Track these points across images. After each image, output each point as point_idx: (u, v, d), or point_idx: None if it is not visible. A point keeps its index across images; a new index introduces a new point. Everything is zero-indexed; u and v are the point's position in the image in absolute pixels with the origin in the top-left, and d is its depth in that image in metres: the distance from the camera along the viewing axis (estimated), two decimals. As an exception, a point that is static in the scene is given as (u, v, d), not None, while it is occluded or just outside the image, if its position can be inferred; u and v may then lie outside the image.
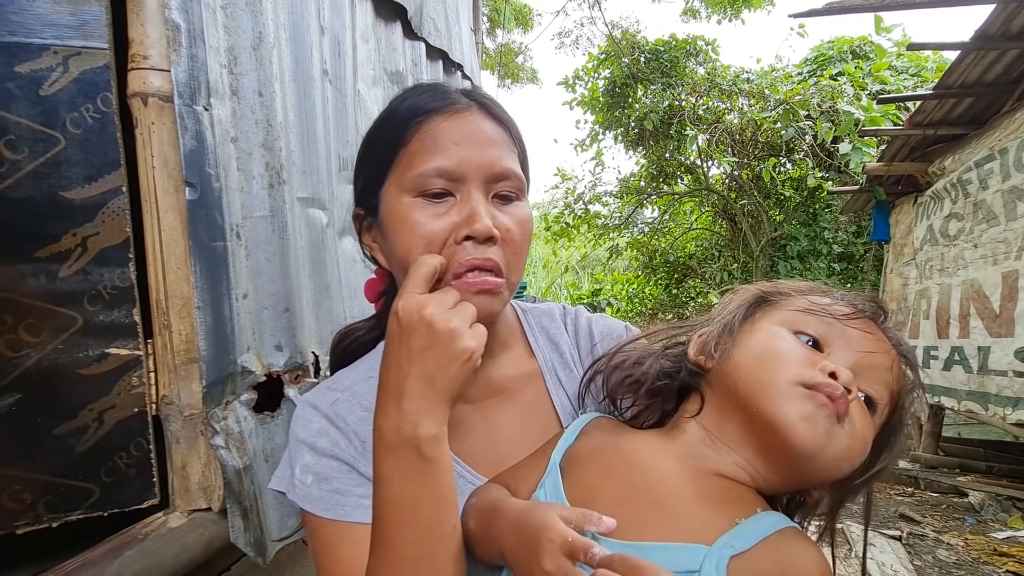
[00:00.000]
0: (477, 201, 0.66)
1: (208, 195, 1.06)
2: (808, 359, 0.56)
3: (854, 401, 0.54)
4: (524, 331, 0.84)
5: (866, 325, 0.60)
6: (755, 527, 0.53)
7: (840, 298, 0.63)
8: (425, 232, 0.66)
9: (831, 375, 0.54)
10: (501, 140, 0.70)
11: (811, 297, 0.63)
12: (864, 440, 0.56)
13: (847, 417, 0.54)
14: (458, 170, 0.66)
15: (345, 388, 0.78)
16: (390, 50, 1.83)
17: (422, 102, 0.70)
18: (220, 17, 1.11)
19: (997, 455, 4.38)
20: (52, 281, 0.94)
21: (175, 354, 1.04)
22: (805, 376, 0.54)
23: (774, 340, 0.59)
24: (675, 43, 8.86)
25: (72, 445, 0.97)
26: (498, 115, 0.72)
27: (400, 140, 0.69)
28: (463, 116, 0.69)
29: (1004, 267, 3.54)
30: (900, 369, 0.59)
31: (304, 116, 1.34)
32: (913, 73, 7.64)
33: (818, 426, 0.53)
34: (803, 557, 0.53)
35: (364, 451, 0.73)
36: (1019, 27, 3.28)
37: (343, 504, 0.70)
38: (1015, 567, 2.74)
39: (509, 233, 0.68)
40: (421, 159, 0.67)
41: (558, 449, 0.66)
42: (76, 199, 0.96)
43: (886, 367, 0.58)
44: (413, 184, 0.67)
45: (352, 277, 1.53)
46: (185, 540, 1.02)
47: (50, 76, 0.94)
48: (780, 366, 0.55)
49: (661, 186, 9.83)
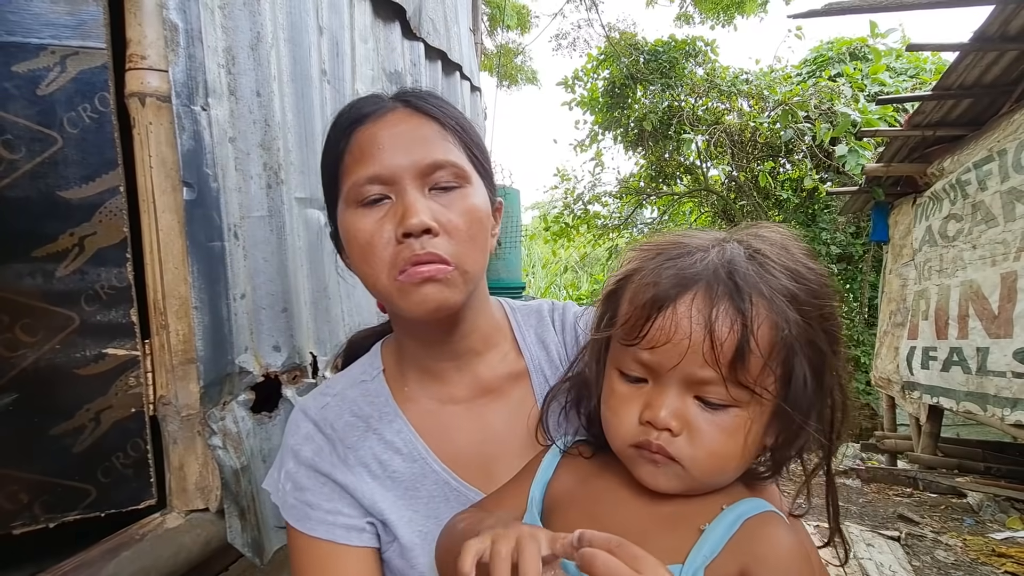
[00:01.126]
0: (411, 198, 0.66)
1: (206, 195, 1.06)
2: (636, 412, 0.57)
3: (680, 432, 0.54)
4: (512, 329, 0.84)
5: (664, 326, 0.54)
6: (720, 529, 0.54)
7: (665, 273, 0.56)
8: (365, 237, 0.67)
9: (649, 423, 0.55)
10: (430, 134, 0.70)
11: (638, 292, 0.57)
12: (720, 436, 0.54)
13: (680, 441, 0.54)
14: (387, 173, 0.67)
15: (336, 393, 0.79)
16: (389, 50, 1.83)
17: (352, 112, 0.73)
18: (218, 17, 1.10)
19: (995, 456, 4.39)
20: (49, 281, 0.94)
21: (172, 354, 1.04)
22: (633, 438, 0.57)
23: (612, 397, 0.60)
24: (674, 44, 8.86)
25: (69, 445, 0.96)
26: (425, 109, 0.72)
27: (338, 155, 0.72)
28: (387, 119, 0.70)
29: (1003, 268, 3.54)
30: (712, 342, 0.51)
31: (302, 116, 1.34)
32: (912, 74, 7.65)
33: (658, 475, 0.56)
34: (767, 543, 0.52)
35: (347, 457, 0.73)
36: (1017, 28, 3.28)
37: (310, 517, 0.71)
38: (1013, 568, 2.74)
39: (451, 223, 0.68)
40: (354, 170, 0.69)
41: (537, 483, 0.66)
42: (73, 199, 0.96)
43: (694, 357, 0.52)
44: (352, 195, 0.69)
45: (350, 277, 1.53)
46: (182, 540, 1.02)
47: (47, 76, 0.94)
48: (617, 432, 0.59)
49: (660, 186, 9.83)
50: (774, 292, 0.53)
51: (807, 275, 0.56)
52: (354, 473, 0.73)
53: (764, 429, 0.56)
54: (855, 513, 3.73)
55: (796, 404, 0.54)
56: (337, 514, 0.71)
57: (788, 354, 0.53)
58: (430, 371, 0.79)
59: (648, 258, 0.59)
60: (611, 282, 0.63)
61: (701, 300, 0.52)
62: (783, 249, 0.58)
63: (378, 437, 0.75)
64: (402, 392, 0.79)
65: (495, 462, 0.75)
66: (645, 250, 0.61)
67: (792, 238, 0.61)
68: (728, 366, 0.51)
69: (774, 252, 0.57)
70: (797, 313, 0.53)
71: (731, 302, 0.52)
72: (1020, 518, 3.37)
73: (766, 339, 0.52)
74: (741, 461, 0.56)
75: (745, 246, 0.57)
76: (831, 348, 0.56)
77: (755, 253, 0.56)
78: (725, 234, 0.60)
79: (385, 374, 0.81)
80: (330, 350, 1.38)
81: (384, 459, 0.74)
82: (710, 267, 0.54)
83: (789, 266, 0.55)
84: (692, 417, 0.54)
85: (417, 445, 0.75)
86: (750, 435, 0.55)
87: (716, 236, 0.60)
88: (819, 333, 0.55)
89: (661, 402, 0.55)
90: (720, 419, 0.54)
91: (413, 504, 0.73)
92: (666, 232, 0.65)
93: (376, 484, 0.73)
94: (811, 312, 0.54)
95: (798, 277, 0.55)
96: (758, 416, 0.55)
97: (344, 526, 0.71)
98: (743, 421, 0.54)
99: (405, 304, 0.67)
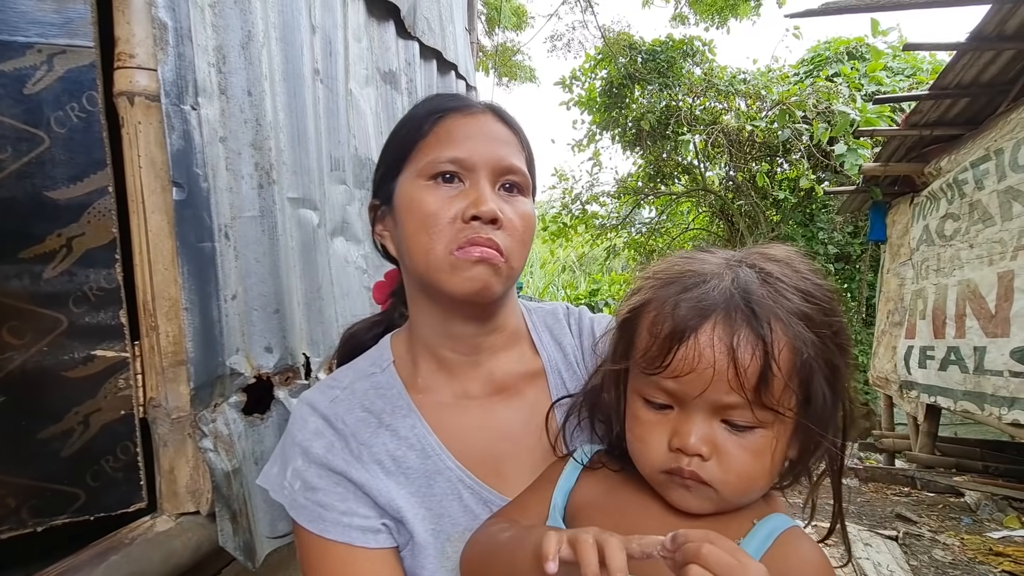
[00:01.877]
0: (484, 188, 0.71)
1: (196, 195, 1.05)
2: (665, 439, 0.58)
3: (711, 457, 0.56)
4: (528, 329, 0.84)
5: (687, 355, 0.54)
6: (754, 544, 0.55)
7: (683, 303, 0.56)
8: (432, 208, 0.70)
9: (679, 450, 0.57)
10: (510, 141, 0.76)
11: (656, 322, 0.58)
12: (749, 458, 0.56)
13: (711, 465, 0.56)
14: (468, 159, 0.71)
15: (345, 386, 0.78)
16: (383, 49, 1.82)
17: (440, 103, 0.77)
18: (208, 15, 1.09)
19: (993, 455, 4.40)
20: (36, 282, 0.93)
21: (162, 356, 1.03)
22: (664, 465, 0.58)
23: (638, 424, 0.61)
24: (672, 43, 8.87)
25: (57, 449, 0.95)
26: (509, 121, 0.79)
27: (418, 135, 0.74)
28: (477, 117, 0.75)
29: (1000, 267, 3.55)
30: (736, 369, 0.52)
31: (295, 115, 1.33)
32: (909, 74, 7.66)
33: (690, 498, 0.58)
34: (799, 559, 0.54)
35: (360, 454, 0.72)
36: (1014, 28, 3.29)
37: (324, 518, 0.69)
38: (1010, 566, 2.74)
39: (511, 222, 0.72)
40: (435, 148, 0.72)
41: (559, 491, 0.66)
42: (61, 199, 0.95)
43: (720, 384, 0.53)
44: (426, 169, 0.72)
45: (344, 278, 1.52)
46: (173, 544, 1.01)
47: (34, 75, 0.92)
48: (646, 459, 0.60)
49: (658, 186, 9.84)
50: (790, 315, 0.54)
51: (817, 294, 0.58)
52: (368, 471, 0.71)
53: (787, 445, 0.58)
54: (853, 512, 3.73)
55: (816, 419, 0.57)
56: (353, 515, 0.69)
57: (807, 373, 0.54)
58: (446, 364, 0.78)
59: (661, 287, 0.60)
60: (624, 310, 0.64)
61: (722, 328, 0.54)
62: (792, 269, 0.59)
63: (391, 433, 0.74)
64: (415, 384, 0.78)
65: (508, 461, 0.74)
66: (657, 278, 0.62)
67: (799, 257, 0.62)
68: (753, 390, 0.53)
69: (785, 273, 0.58)
70: (812, 333, 0.55)
71: (751, 328, 0.53)
72: (1018, 517, 3.37)
73: (787, 361, 0.53)
74: (769, 478, 0.58)
75: (757, 270, 0.58)
76: (843, 361, 0.58)
77: (767, 277, 0.57)
78: (734, 255, 0.62)
79: (396, 365, 0.80)
80: (323, 351, 1.37)
81: (398, 455, 0.72)
82: (726, 294, 0.55)
83: (800, 286, 0.57)
84: (721, 441, 0.56)
85: (431, 440, 0.74)
86: (776, 453, 0.57)
87: (726, 259, 0.61)
88: (832, 349, 0.57)
89: (689, 428, 0.56)
90: (747, 441, 0.56)
91: (426, 501, 0.71)
92: (674, 255, 0.65)
93: (391, 481, 0.71)
94: (824, 330, 0.56)
95: (810, 297, 0.57)
96: (782, 434, 0.57)
97: (360, 528, 0.69)
98: (769, 441, 0.56)
99: (453, 279, 0.69)
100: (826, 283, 0.60)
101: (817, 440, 0.58)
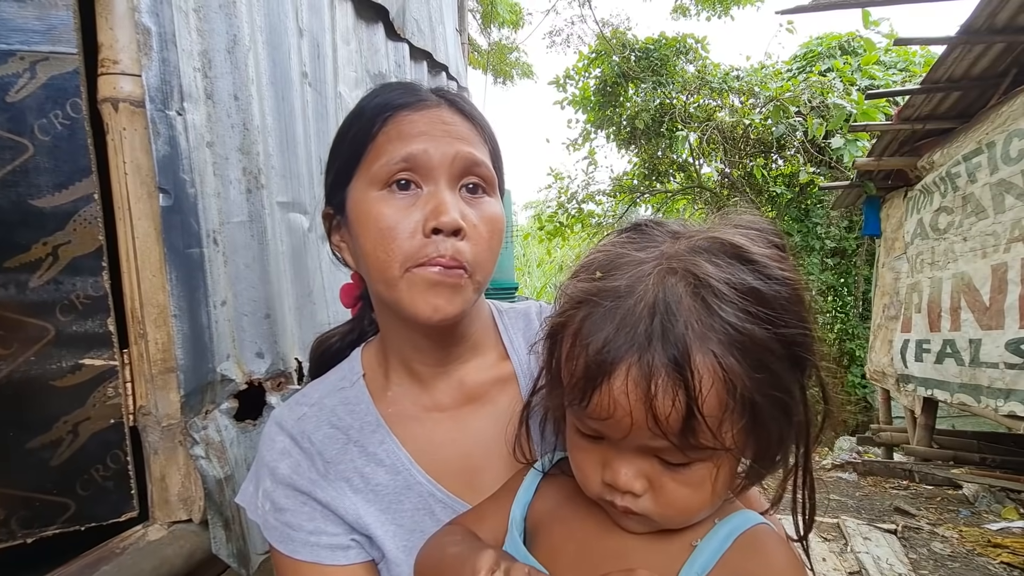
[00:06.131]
0: (444, 194, 0.65)
1: (183, 201, 1.04)
2: (598, 470, 0.54)
3: (644, 493, 0.51)
4: (499, 333, 0.82)
5: (602, 402, 0.48)
6: (712, 544, 0.52)
7: (596, 334, 0.50)
8: (388, 223, 0.64)
9: (610, 486, 0.53)
10: (469, 134, 0.70)
11: (572, 352, 0.52)
12: (686, 491, 0.51)
13: (645, 501, 0.52)
14: (423, 157, 0.65)
15: (314, 402, 0.76)
16: (372, 52, 1.82)
17: (391, 98, 0.70)
18: (193, 20, 1.09)
19: (990, 447, 4.41)
20: (22, 291, 0.92)
21: (152, 363, 1.02)
22: (599, 495, 0.55)
23: (573, 448, 0.58)
24: (665, 41, 8.88)
25: (46, 459, 0.94)
26: (468, 111, 0.72)
27: (368, 135, 0.68)
28: (431, 110, 0.69)
29: (993, 260, 3.56)
30: (656, 418, 0.46)
31: (283, 119, 1.32)
32: (901, 68, 7.68)
33: (631, 523, 0.55)
34: (760, 560, 0.52)
35: (327, 472, 0.71)
36: (1004, 21, 3.30)
37: (293, 539, 0.69)
38: (1009, 558, 2.75)
39: (476, 230, 0.67)
40: (387, 150, 0.66)
41: (518, 503, 0.64)
42: (46, 207, 0.94)
43: (640, 432, 0.47)
44: (379, 175, 0.66)
45: (335, 282, 1.52)
46: (165, 553, 1.00)
47: (17, 82, 0.92)
48: (584, 485, 0.57)
49: (654, 184, 9.85)
50: (721, 343, 0.46)
51: (768, 292, 0.49)
52: (335, 488, 0.70)
53: (734, 466, 0.54)
54: (851, 506, 3.73)
55: (765, 437, 0.51)
56: (320, 534, 0.69)
57: (745, 403, 0.48)
58: (416, 375, 0.76)
59: (577, 304, 0.53)
60: (550, 320, 0.58)
61: (637, 372, 0.46)
62: (744, 259, 0.51)
63: (360, 449, 0.72)
64: (384, 398, 0.76)
65: (481, 472, 0.72)
66: (577, 288, 0.54)
67: (755, 231, 0.55)
68: (678, 435, 0.47)
69: (730, 273, 0.49)
70: (752, 358, 0.47)
71: (668, 373, 0.45)
72: (1015, 508, 3.38)
73: (716, 401, 0.46)
74: (714, 502, 0.53)
75: (690, 278, 0.49)
76: (801, 362, 0.51)
77: (701, 286, 0.48)
78: (670, 250, 0.52)
79: (365, 379, 0.78)
80: (316, 355, 1.37)
81: (366, 472, 0.71)
82: (644, 324, 0.47)
83: (747, 286, 0.48)
84: (655, 476, 0.51)
85: (400, 456, 0.72)
86: (718, 481, 0.51)
87: (658, 258, 0.52)
88: (782, 360, 0.49)
89: (619, 466, 0.51)
90: (684, 476, 0.50)
91: (397, 518, 0.70)
92: (604, 247, 0.58)
93: (359, 498, 0.70)
94: (772, 345, 0.48)
95: (757, 302, 0.48)
96: (725, 461, 0.51)
97: (328, 546, 0.68)
98: (709, 471, 0.50)
99: (414, 301, 0.64)
100: (784, 266, 0.52)
101: (773, 452, 0.53)
